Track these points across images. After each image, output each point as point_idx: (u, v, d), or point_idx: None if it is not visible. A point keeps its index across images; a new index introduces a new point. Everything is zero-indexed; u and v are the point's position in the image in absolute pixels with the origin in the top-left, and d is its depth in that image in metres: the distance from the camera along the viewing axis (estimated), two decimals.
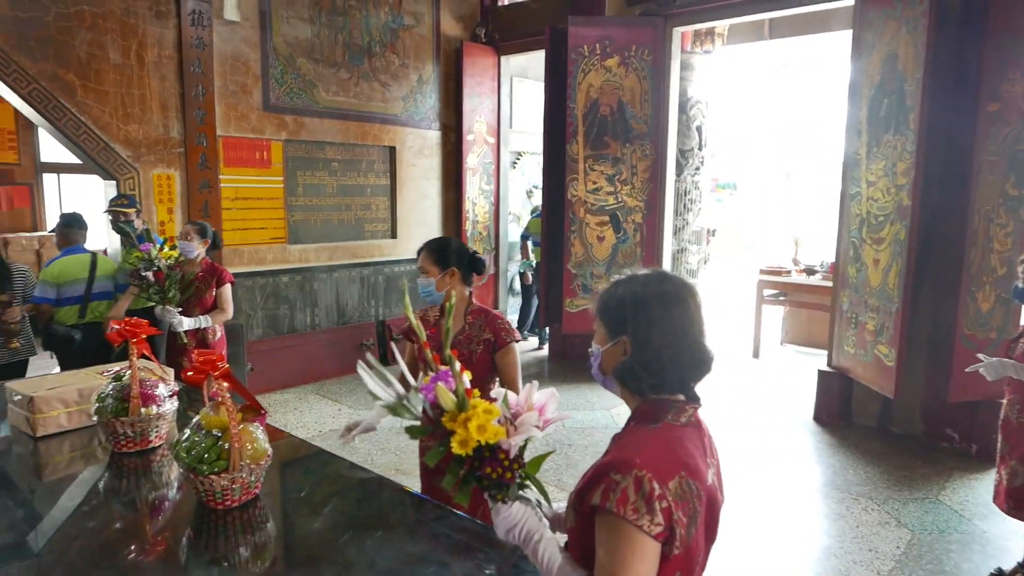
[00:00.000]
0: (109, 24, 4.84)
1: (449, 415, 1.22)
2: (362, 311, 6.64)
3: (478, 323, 2.43)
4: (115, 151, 4.92)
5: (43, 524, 1.78)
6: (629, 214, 6.25)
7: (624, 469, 1.09)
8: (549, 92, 6.56)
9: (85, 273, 4.27)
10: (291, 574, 1.57)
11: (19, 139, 8.48)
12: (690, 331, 1.22)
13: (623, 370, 1.24)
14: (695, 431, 1.23)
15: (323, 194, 6.29)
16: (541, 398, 1.26)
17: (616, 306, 1.26)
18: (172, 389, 2.28)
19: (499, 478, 1.19)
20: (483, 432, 1.18)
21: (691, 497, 1.13)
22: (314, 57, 6.03)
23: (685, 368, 1.22)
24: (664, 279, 1.27)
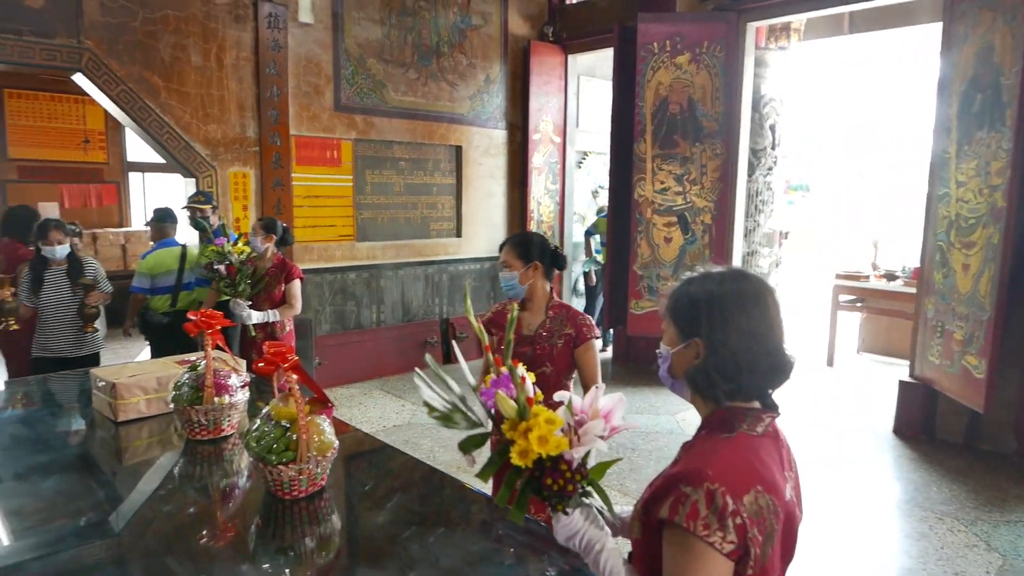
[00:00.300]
0: (191, 28, 5.04)
1: (509, 424, 1.16)
2: (426, 309, 6.71)
3: (559, 318, 2.46)
4: (195, 150, 5.11)
5: (123, 506, 1.83)
6: (698, 215, 6.09)
7: (695, 481, 1.04)
8: (617, 90, 6.46)
9: (176, 264, 4.53)
10: (355, 567, 1.57)
11: (108, 140, 8.95)
12: (770, 334, 1.14)
13: (696, 374, 1.16)
14: (772, 442, 1.15)
15: (390, 192, 6.38)
16: (607, 404, 1.19)
17: (689, 305, 1.18)
18: (244, 380, 2.33)
19: (560, 490, 1.13)
20: (544, 444, 1.11)
21: (767, 513, 1.05)
22: (384, 58, 6.12)
23: (763, 374, 1.14)
24: (741, 277, 1.18)
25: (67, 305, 3.85)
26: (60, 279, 3.85)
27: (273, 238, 4.10)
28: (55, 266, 3.85)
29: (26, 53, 4.42)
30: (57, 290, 3.84)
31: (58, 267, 3.85)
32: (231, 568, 1.51)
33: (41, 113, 8.45)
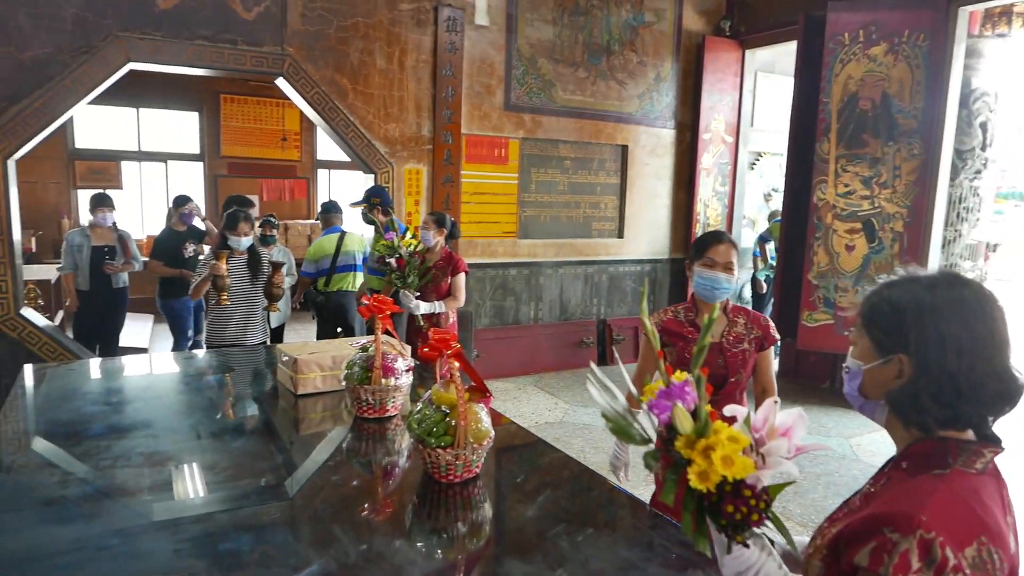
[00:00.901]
0: (378, 33, 5.38)
1: (684, 440, 1.02)
2: (584, 309, 6.68)
3: (742, 320, 2.33)
4: (375, 147, 5.46)
5: (297, 472, 1.98)
6: (887, 221, 5.53)
7: (904, 527, 0.87)
8: (799, 86, 6.04)
9: (332, 249, 4.94)
10: (505, 557, 1.57)
11: (302, 139, 9.84)
12: (996, 352, 0.95)
13: (902, 397, 0.99)
14: (993, 481, 0.96)
15: (554, 191, 6.42)
16: (786, 420, 1.03)
17: (891, 314, 1.00)
18: (408, 364, 2.43)
19: (743, 519, 0.98)
20: (730, 465, 0.97)
21: (993, 570, 0.88)
22: (554, 57, 6.17)
23: (986, 400, 0.95)
24: (958, 282, 0.99)
25: (245, 295, 3.99)
26: (240, 269, 4.00)
27: (444, 232, 4.26)
28: (237, 255, 3.99)
29: (239, 60, 4.94)
30: (237, 279, 3.98)
31: (240, 257, 3.99)
32: (388, 542, 1.56)
33: (248, 115, 9.47)
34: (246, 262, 4.03)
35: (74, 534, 1.50)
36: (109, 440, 2.07)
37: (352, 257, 5.01)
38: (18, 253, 4.71)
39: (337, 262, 4.97)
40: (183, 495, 1.75)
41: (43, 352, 4.60)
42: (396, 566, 1.44)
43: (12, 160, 4.57)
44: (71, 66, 4.52)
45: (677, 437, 1.03)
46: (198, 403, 2.56)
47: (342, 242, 4.99)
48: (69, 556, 1.41)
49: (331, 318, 4.92)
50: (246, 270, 4.03)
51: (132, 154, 9.13)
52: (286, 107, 9.35)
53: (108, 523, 1.56)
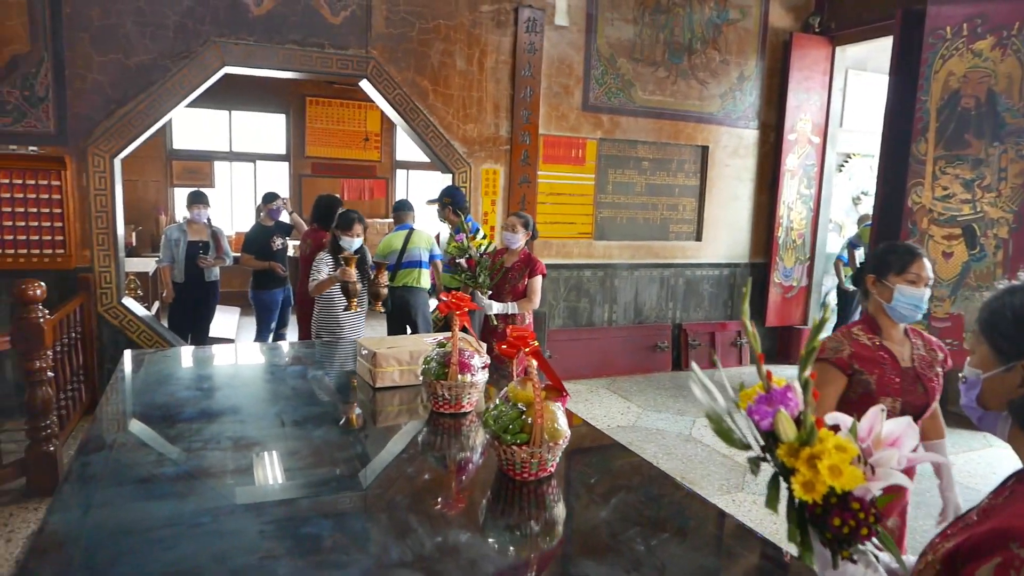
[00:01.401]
0: (458, 35, 5.45)
1: (787, 448, 0.98)
2: (659, 312, 6.56)
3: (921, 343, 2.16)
4: (454, 148, 5.53)
5: (373, 463, 2.01)
6: (990, 227, 5.18)
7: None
8: (894, 84, 5.74)
9: (400, 245, 5.08)
10: (578, 557, 1.55)
11: (382, 140, 10.08)
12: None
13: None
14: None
15: (631, 192, 6.34)
16: (894, 429, 0.98)
17: (1013, 320, 0.95)
18: (484, 362, 2.44)
19: (851, 533, 0.93)
20: (838, 476, 0.93)
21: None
22: (634, 57, 6.09)
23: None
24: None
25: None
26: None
27: (530, 233, 4.27)
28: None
29: (326, 63, 5.11)
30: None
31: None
32: (462, 535, 1.57)
33: (332, 117, 9.78)
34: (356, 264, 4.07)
35: (168, 511, 1.57)
36: (200, 424, 2.17)
37: (418, 254, 5.12)
38: (121, 246, 5.02)
39: (403, 258, 5.10)
40: (267, 479, 1.81)
41: (141, 339, 4.89)
42: (470, 560, 1.44)
43: (118, 159, 4.87)
44: (172, 70, 4.78)
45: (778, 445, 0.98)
46: (282, 392, 2.65)
47: (409, 239, 5.11)
48: (163, 531, 1.48)
49: (396, 313, 5.04)
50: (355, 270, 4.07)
51: (224, 154, 9.59)
52: (368, 109, 9.61)
53: (199, 502, 1.63)
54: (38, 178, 4.59)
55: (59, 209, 4.63)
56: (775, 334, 7.14)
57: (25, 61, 4.51)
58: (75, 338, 4.44)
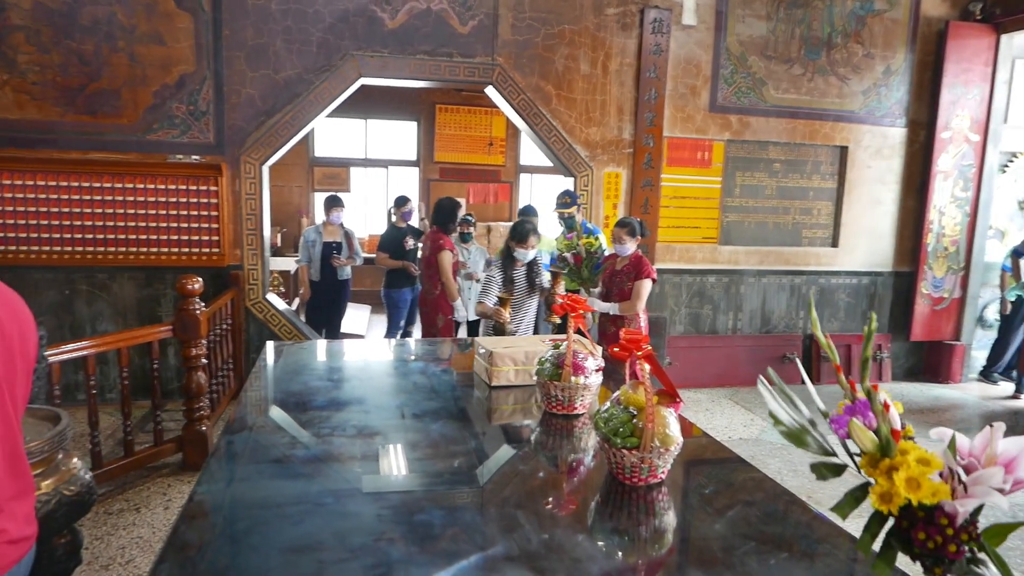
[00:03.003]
0: (583, 39, 5.46)
1: (867, 459, 0.98)
2: (788, 321, 6.24)
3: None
4: (576, 151, 5.54)
5: (487, 459, 2.06)
6: None
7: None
8: None
9: None
10: (687, 567, 1.51)
11: (507, 145, 10.28)
12: None
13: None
14: None
15: (760, 196, 6.07)
16: (1011, 449, 0.93)
17: None
18: (598, 364, 2.43)
19: (937, 549, 0.91)
20: (915, 489, 0.92)
21: None
22: (767, 54, 5.84)
23: None
24: None
25: (523, 305, 4.11)
26: (521, 280, 4.15)
27: (639, 239, 4.22)
28: (519, 266, 4.13)
29: (454, 71, 5.29)
30: (518, 290, 4.14)
31: (520, 268, 4.15)
32: (569, 535, 1.58)
33: (459, 123, 10.10)
34: (525, 273, 4.13)
35: (298, 490, 1.70)
36: (329, 412, 2.32)
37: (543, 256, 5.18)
38: (267, 247, 5.45)
39: None
40: (386, 467, 1.90)
41: (281, 332, 5.28)
42: (575, 559, 1.45)
43: (266, 166, 5.30)
44: (314, 83, 5.14)
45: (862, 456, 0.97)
46: (404, 386, 2.78)
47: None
48: (293, 508, 1.60)
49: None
50: (525, 281, 4.13)
51: (359, 161, 10.16)
52: (493, 115, 9.83)
53: (324, 484, 1.75)
54: (199, 184, 5.08)
55: (215, 212, 5.11)
56: (922, 349, 6.56)
57: (191, 79, 5.02)
58: (226, 329, 4.87)
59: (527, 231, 3.95)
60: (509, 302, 3.86)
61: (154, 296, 5.11)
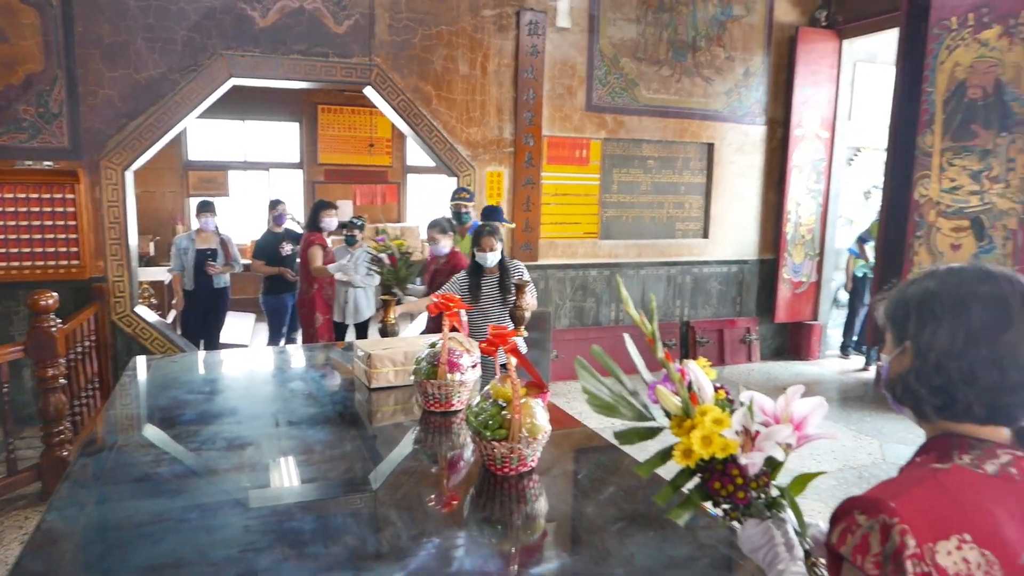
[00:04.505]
0: (461, 40, 5.51)
1: (675, 421, 1.10)
2: (667, 310, 6.56)
3: None
4: (458, 151, 5.59)
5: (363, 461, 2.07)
6: (998, 218, 5.12)
7: (872, 511, 0.87)
8: (900, 76, 5.70)
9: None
10: (553, 549, 1.59)
11: (393, 146, 10.18)
12: (1000, 340, 0.90)
13: (897, 382, 0.98)
14: (1009, 487, 0.90)
15: (636, 191, 6.35)
16: (804, 408, 1.05)
17: (902, 304, 0.99)
18: (475, 360, 2.49)
19: (730, 496, 1.04)
20: (708, 445, 1.03)
21: (976, 571, 0.84)
22: (637, 56, 6.11)
23: (990, 390, 0.90)
24: (980, 276, 0.94)
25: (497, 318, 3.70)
26: (492, 289, 3.74)
27: (452, 236, 4.32)
28: (488, 273, 3.74)
29: (330, 72, 5.20)
30: (488, 301, 3.74)
31: (491, 276, 3.74)
32: (440, 528, 1.62)
33: (343, 124, 9.90)
34: (497, 281, 3.71)
35: (159, 507, 1.64)
36: (199, 425, 2.24)
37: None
38: (134, 256, 5.14)
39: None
40: (258, 478, 1.87)
41: (153, 346, 5.00)
42: (444, 550, 1.49)
43: (130, 171, 5.00)
44: (180, 83, 4.90)
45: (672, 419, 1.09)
46: (281, 394, 2.72)
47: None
48: (153, 526, 1.54)
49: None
50: (497, 291, 3.70)
51: (238, 164, 9.75)
52: (377, 115, 9.70)
53: (189, 499, 1.70)
54: (53, 192, 4.72)
55: (73, 221, 4.76)
56: (785, 330, 7.09)
57: (39, 79, 4.65)
58: (89, 346, 4.56)
59: (482, 233, 3.65)
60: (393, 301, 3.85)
61: (4, 314, 4.71)
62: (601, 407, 1.21)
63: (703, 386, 1.12)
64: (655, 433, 1.16)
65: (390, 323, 3.71)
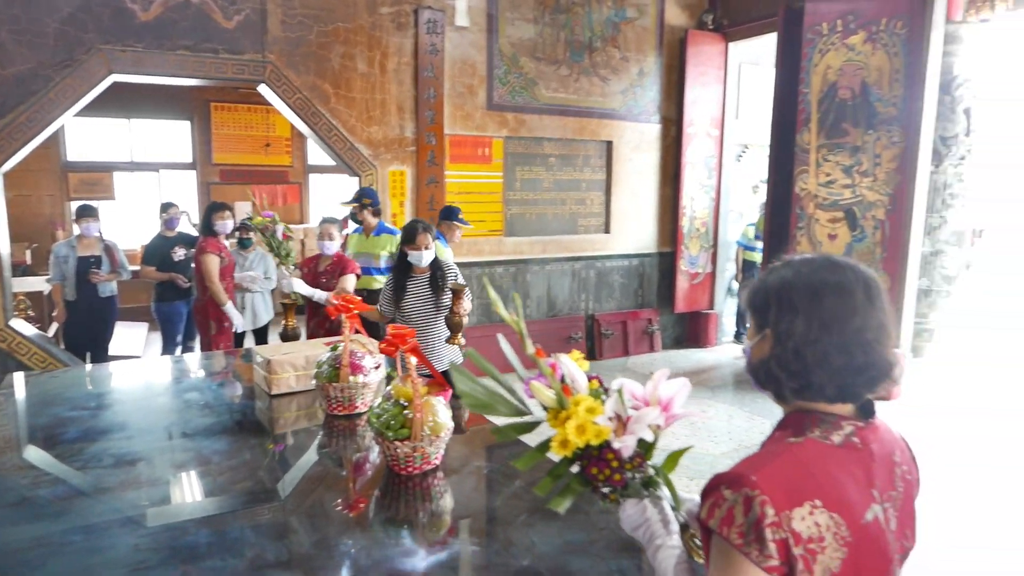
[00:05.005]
0: (359, 38, 5.43)
1: (551, 413, 1.14)
2: (572, 304, 6.72)
3: None
4: (358, 150, 5.51)
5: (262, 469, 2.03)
6: (868, 209, 5.56)
7: (736, 485, 0.95)
8: (780, 78, 6.08)
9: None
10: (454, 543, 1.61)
11: (293, 145, 9.89)
12: (848, 326, 1.00)
13: (760, 367, 1.06)
14: (852, 455, 1.00)
15: (539, 188, 6.47)
16: (670, 389, 1.13)
17: (763, 293, 1.08)
18: (378, 362, 2.48)
19: (607, 480, 1.09)
20: (582, 433, 1.08)
21: (826, 532, 0.94)
22: (536, 56, 6.22)
23: (840, 372, 1.00)
24: (828, 266, 1.05)
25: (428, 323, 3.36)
26: (423, 290, 3.36)
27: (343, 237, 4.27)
28: (418, 273, 3.38)
29: (221, 68, 5.00)
30: (419, 303, 3.36)
31: (422, 275, 3.38)
32: (343, 531, 1.61)
33: (238, 122, 9.53)
34: (428, 280, 3.36)
35: (39, 532, 1.55)
36: (83, 443, 2.13)
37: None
38: (6, 266, 4.77)
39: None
40: (149, 493, 1.80)
41: (32, 362, 4.66)
42: (344, 553, 1.49)
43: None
44: (54, 80, 4.58)
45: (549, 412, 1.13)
46: (174, 406, 2.61)
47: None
48: (32, 552, 1.46)
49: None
50: (428, 291, 3.34)
51: (125, 165, 9.19)
52: (275, 113, 9.38)
53: (72, 521, 1.61)
54: None
55: None
56: (685, 320, 7.42)
57: None
58: None
59: (415, 228, 3.30)
60: (293, 308, 3.74)
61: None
62: (477, 406, 1.21)
63: (576, 378, 1.17)
64: (533, 427, 1.19)
65: (291, 327, 3.62)
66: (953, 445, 4.52)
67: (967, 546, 3.24)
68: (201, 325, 4.82)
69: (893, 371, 1.02)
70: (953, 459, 4.26)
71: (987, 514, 3.60)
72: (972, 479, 4.01)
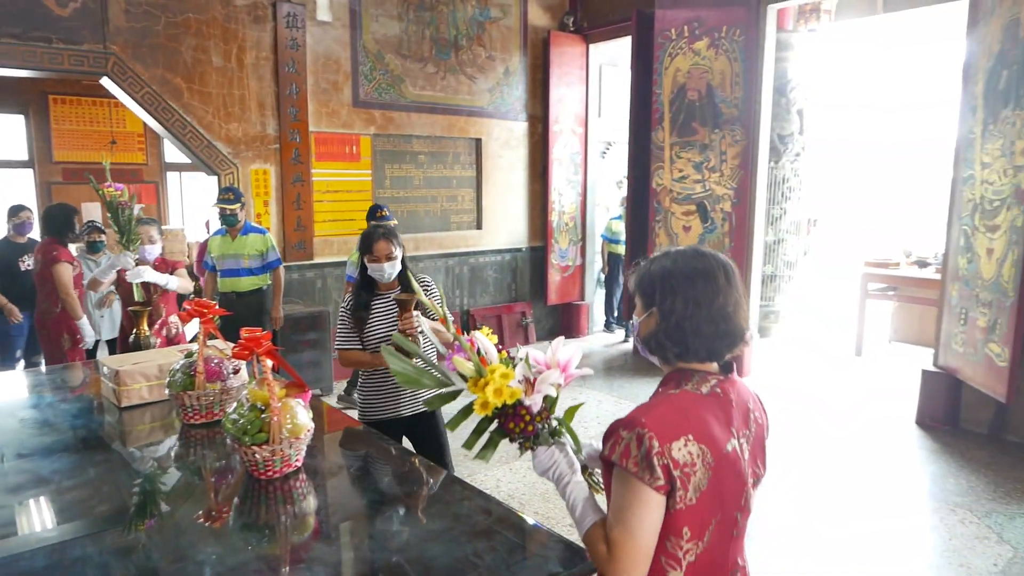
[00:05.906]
0: (212, 30, 5.19)
1: (472, 381, 1.36)
2: (447, 300, 6.78)
3: None
4: (217, 148, 5.27)
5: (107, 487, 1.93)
6: (717, 203, 6.02)
7: (630, 427, 1.19)
8: (635, 79, 6.43)
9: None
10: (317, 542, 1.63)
11: (147, 142, 9.26)
12: (714, 304, 1.26)
13: (650, 338, 1.31)
14: (716, 401, 1.27)
15: (410, 186, 6.46)
16: (567, 354, 1.39)
17: (648, 279, 1.33)
18: (237, 366, 2.42)
19: (522, 431, 1.33)
20: (500, 395, 1.32)
21: (697, 459, 1.20)
22: (402, 53, 6.20)
23: (709, 338, 1.27)
24: (696, 256, 1.32)
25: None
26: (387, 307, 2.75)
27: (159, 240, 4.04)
28: (384, 290, 2.77)
29: (56, 59, 4.62)
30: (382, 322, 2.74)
31: (387, 291, 2.76)
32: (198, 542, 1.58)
33: (82, 117, 8.79)
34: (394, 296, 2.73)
35: None
36: None
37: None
38: None
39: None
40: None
41: None
42: (200, 563, 1.47)
43: None
44: None
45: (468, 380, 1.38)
46: (8, 425, 2.42)
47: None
48: None
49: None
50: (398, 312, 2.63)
51: None
52: (123, 107, 8.75)
53: None
54: None
55: None
56: (557, 311, 7.69)
57: None
58: None
59: (372, 235, 2.69)
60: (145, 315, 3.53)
61: None
62: (408, 381, 1.44)
63: (488, 350, 1.41)
64: (456, 395, 1.43)
65: (143, 335, 3.43)
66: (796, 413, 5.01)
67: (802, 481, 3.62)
68: (51, 339, 4.42)
69: (746, 335, 1.31)
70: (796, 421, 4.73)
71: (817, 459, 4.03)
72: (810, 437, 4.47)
